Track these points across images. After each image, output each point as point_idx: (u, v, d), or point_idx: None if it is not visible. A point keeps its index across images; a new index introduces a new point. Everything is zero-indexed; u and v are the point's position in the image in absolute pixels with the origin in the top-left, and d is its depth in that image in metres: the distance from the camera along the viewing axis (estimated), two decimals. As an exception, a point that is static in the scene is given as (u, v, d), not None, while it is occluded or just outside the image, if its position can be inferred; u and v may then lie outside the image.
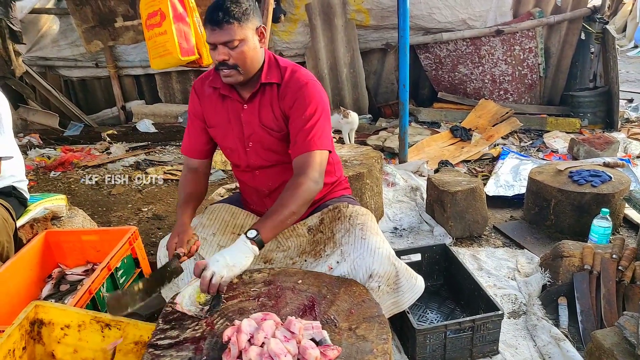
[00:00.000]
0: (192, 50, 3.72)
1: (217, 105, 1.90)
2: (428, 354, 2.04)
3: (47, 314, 1.82)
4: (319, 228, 1.94)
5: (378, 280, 1.69)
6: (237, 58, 1.70)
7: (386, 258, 1.71)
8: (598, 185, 2.99)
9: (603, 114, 5.29)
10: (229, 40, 1.67)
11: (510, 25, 5.40)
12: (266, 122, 1.84)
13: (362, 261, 1.70)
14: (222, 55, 1.69)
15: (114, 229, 2.78)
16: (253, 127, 1.86)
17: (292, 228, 1.97)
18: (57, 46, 6.02)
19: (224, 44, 1.68)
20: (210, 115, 1.93)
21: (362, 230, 1.80)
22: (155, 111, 6.05)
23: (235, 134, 1.89)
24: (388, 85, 6.20)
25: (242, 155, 1.92)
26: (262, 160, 1.90)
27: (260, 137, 1.86)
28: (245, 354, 1.30)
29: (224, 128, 1.91)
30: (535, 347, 2.17)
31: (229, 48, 1.69)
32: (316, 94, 1.80)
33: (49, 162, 4.93)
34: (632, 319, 1.76)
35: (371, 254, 1.70)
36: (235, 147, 1.92)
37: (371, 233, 1.79)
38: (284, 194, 1.67)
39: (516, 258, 2.86)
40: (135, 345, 1.78)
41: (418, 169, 4.18)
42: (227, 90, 1.86)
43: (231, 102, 1.87)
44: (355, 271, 1.70)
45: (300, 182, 1.68)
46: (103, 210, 3.90)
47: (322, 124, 1.78)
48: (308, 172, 1.70)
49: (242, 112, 1.86)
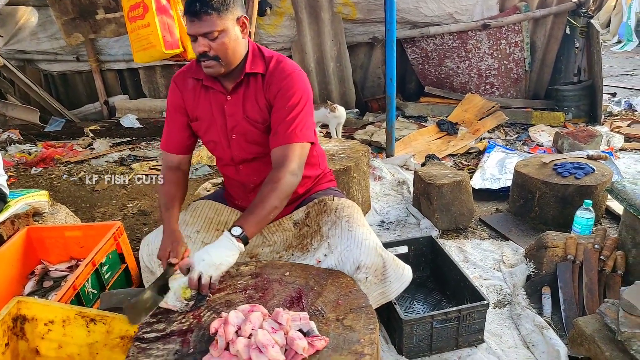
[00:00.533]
0: (177, 44, 3.69)
1: (199, 98, 1.86)
2: (415, 344, 2.05)
3: (30, 310, 1.80)
4: (305, 222, 1.93)
5: (365, 271, 1.69)
6: (217, 49, 1.67)
7: (373, 249, 1.71)
8: (581, 177, 3.03)
9: (587, 107, 5.35)
10: (209, 32, 1.64)
11: (497, 19, 5.43)
12: (250, 115, 1.81)
13: (349, 253, 1.70)
14: (203, 47, 1.66)
15: (98, 224, 2.75)
16: (237, 119, 1.83)
17: (277, 222, 1.96)
18: (36, 39, 5.90)
19: (204, 35, 1.65)
20: (193, 107, 1.88)
21: (348, 222, 1.80)
22: (140, 106, 5.98)
23: (219, 126, 1.86)
24: (375, 80, 6.20)
25: (225, 148, 1.89)
26: (245, 153, 1.88)
27: (244, 130, 1.83)
28: (232, 346, 1.29)
29: (207, 120, 1.87)
30: (520, 336, 2.19)
31: (209, 39, 1.66)
32: (301, 84, 1.78)
33: (30, 158, 4.85)
34: (613, 306, 1.79)
35: (358, 245, 1.70)
36: (218, 140, 1.88)
37: (358, 225, 1.79)
38: (264, 189, 1.65)
39: (501, 249, 2.89)
40: (122, 340, 1.77)
41: (405, 163, 4.19)
42: (210, 81, 1.83)
43: (214, 94, 1.84)
44: (342, 263, 1.70)
45: (280, 176, 1.66)
46: (87, 207, 3.85)
47: (304, 115, 1.76)
48: (287, 164, 1.68)
49: (225, 103, 1.83)
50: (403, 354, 2.07)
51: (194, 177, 4.28)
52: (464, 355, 2.10)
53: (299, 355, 1.28)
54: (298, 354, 1.28)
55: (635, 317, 1.65)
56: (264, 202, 1.61)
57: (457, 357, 2.09)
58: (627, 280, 2.25)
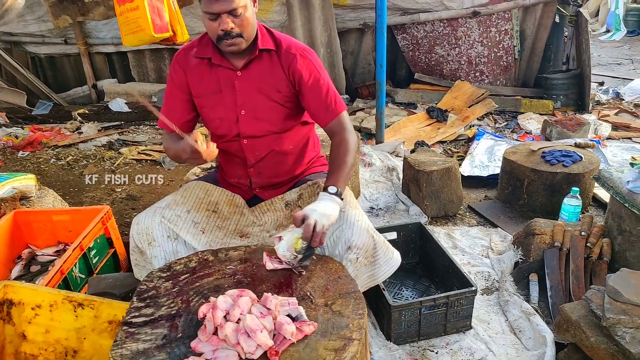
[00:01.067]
0: (166, 27, 3.64)
1: (204, 76, 1.86)
2: (403, 329, 2.07)
3: (17, 294, 1.79)
4: (297, 203, 1.94)
5: (356, 252, 1.71)
6: (241, 25, 1.69)
7: (365, 230, 1.73)
8: (569, 165, 3.05)
9: (575, 96, 5.37)
10: (235, 8, 1.64)
11: (487, 6, 5.42)
12: (264, 87, 1.83)
13: (341, 233, 1.72)
14: (227, 24, 1.66)
15: (86, 208, 2.73)
16: (247, 94, 1.84)
17: (269, 202, 1.97)
18: (24, 21, 5.78)
19: (229, 12, 1.65)
20: (198, 86, 1.88)
21: None
22: (128, 90, 5.90)
23: (227, 103, 1.86)
24: (365, 66, 6.17)
25: (232, 124, 1.89)
26: (254, 129, 1.88)
27: (254, 104, 1.85)
28: (221, 330, 1.29)
29: (213, 98, 1.87)
30: (507, 322, 2.22)
31: (233, 16, 1.66)
32: (318, 61, 1.89)
33: (17, 141, 4.79)
34: (599, 292, 1.81)
35: (350, 226, 1.72)
36: (225, 116, 1.88)
37: (350, 207, 1.80)
38: (339, 151, 1.80)
39: (490, 236, 2.91)
40: (110, 325, 1.77)
41: (394, 150, 4.19)
42: (219, 59, 1.83)
43: (223, 71, 1.84)
44: (334, 243, 1.73)
45: (347, 137, 1.83)
46: (75, 191, 3.82)
47: (332, 88, 1.88)
48: (346, 128, 1.85)
49: (236, 79, 1.83)
50: (391, 340, 2.09)
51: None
52: (452, 341, 2.12)
53: (287, 340, 1.29)
54: (286, 339, 1.29)
55: (620, 304, 1.68)
56: (345, 162, 1.77)
57: (445, 343, 2.11)
58: (612, 267, 2.28)
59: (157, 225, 1.81)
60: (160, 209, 1.86)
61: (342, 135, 1.84)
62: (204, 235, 1.85)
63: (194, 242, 1.82)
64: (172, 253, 1.80)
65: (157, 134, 5.08)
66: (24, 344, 1.83)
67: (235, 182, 2.05)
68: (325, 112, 1.86)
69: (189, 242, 1.81)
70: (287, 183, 2.02)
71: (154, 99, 5.62)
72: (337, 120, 1.86)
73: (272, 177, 1.99)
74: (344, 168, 1.76)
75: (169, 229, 1.81)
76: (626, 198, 2.21)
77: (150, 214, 1.84)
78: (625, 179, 2.26)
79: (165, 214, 1.84)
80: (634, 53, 8.70)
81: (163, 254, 1.79)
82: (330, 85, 1.88)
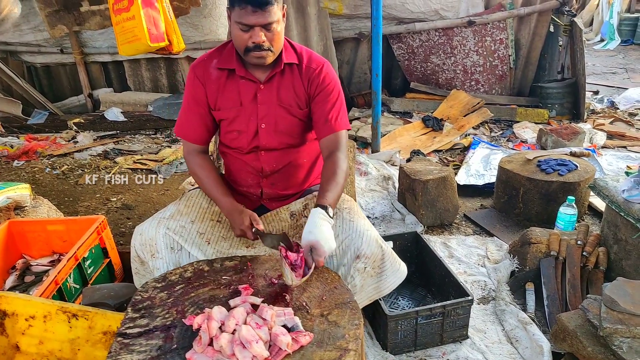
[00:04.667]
0: (162, 37, 3.64)
1: (225, 88, 1.84)
2: (400, 339, 2.06)
3: (10, 305, 1.77)
4: (302, 213, 1.93)
5: (365, 261, 1.72)
6: (271, 39, 1.68)
7: (374, 240, 1.73)
8: (565, 174, 3.06)
9: (570, 105, 5.40)
10: (270, 23, 1.64)
11: (482, 16, 5.46)
12: (285, 101, 1.84)
13: (350, 242, 1.73)
14: (260, 38, 1.65)
15: (81, 218, 2.71)
16: (269, 106, 1.84)
17: (275, 212, 1.96)
18: (19, 31, 5.78)
19: (264, 26, 1.64)
20: (217, 98, 1.85)
21: (349, 213, 1.82)
22: (124, 99, 5.89)
23: (248, 115, 1.85)
24: (361, 75, 6.20)
25: (251, 137, 1.87)
26: (273, 142, 1.88)
27: (275, 118, 1.85)
28: (216, 341, 1.28)
29: (234, 110, 1.85)
30: (504, 331, 2.21)
31: (266, 30, 1.66)
32: (334, 77, 1.88)
33: (12, 151, 4.77)
34: (595, 302, 1.81)
35: (360, 235, 1.73)
36: (245, 129, 1.86)
37: (359, 217, 1.81)
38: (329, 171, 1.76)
39: (486, 245, 2.91)
40: (104, 336, 1.75)
41: (390, 159, 4.20)
42: (244, 71, 1.81)
43: (245, 83, 1.82)
44: (342, 252, 1.73)
45: (339, 157, 1.79)
46: (70, 200, 3.80)
47: (341, 105, 1.88)
48: (341, 148, 1.82)
49: (259, 92, 1.83)
50: (388, 350, 2.08)
51: (179, 171, 4.25)
52: (449, 350, 2.11)
53: (283, 351, 1.28)
54: (282, 350, 1.28)
55: (617, 313, 1.68)
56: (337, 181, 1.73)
57: (442, 353, 2.10)
58: (609, 277, 2.28)
59: (162, 237, 1.78)
60: (164, 219, 1.82)
61: (335, 155, 1.79)
62: (210, 246, 1.83)
63: (200, 254, 1.79)
64: (175, 264, 1.77)
65: (153, 143, 5.08)
66: (17, 355, 1.81)
67: (244, 190, 2.02)
68: (324, 125, 1.83)
69: (195, 254, 1.79)
70: (295, 195, 2.01)
71: (150, 108, 5.62)
72: (333, 137, 1.82)
73: (284, 189, 1.98)
74: (336, 187, 1.71)
75: (173, 240, 1.79)
76: (622, 207, 2.21)
77: (154, 224, 1.80)
78: (621, 187, 2.27)
79: (170, 225, 1.81)
80: (628, 62, 8.77)
81: (165, 266, 1.77)
82: (339, 101, 1.87)
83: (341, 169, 1.76)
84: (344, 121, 1.87)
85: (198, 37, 5.45)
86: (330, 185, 1.70)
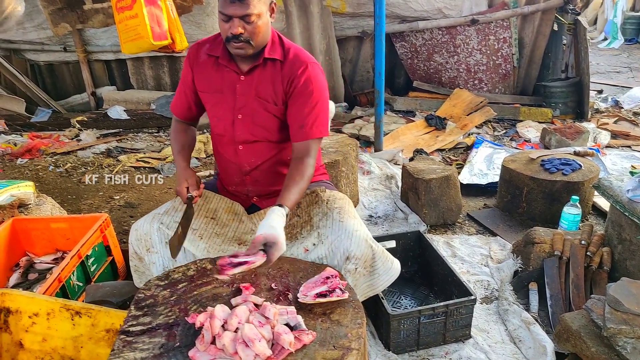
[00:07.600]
0: (165, 35, 3.65)
1: (211, 73, 1.89)
2: (402, 339, 2.06)
3: (14, 302, 1.78)
4: (295, 212, 1.94)
5: (355, 262, 1.71)
6: (251, 32, 1.69)
7: (363, 240, 1.73)
8: (569, 173, 3.05)
9: (574, 104, 5.38)
10: (248, 14, 1.66)
11: (485, 14, 5.44)
12: (262, 95, 1.84)
13: (339, 243, 1.72)
14: (238, 29, 1.67)
15: (85, 216, 2.72)
16: (247, 99, 1.85)
17: (264, 211, 1.97)
18: (23, 29, 5.79)
19: (242, 17, 1.66)
20: (202, 81, 1.91)
21: (339, 213, 1.82)
22: (127, 97, 5.90)
23: (227, 104, 1.88)
24: (364, 74, 6.19)
25: (228, 126, 1.90)
26: (248, 134, 1.89)
27: (252, 110, 1.86)
28: (219, 340, 1.28)
29: (215, 96, 1.90)
30: (507, 331, 2.21)
31: (245, 22, 1.67)
32: (319, 79, 1.84)
33: (16, 149, 4.77)
34: (599, 302, 1.81)
35: (349, 236, 1.72)
36: (223, 117, 1.90)
37: (349, 216, 1.80)
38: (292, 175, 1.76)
39: (489, 245, 2.90)
40: (107, 333, 1.76)
41: (393, 158, 4.19)
42: (226, 60, 1.85)
43: (228, 72, 1.86)
44: (332, 253, 1.73)
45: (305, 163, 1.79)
46: (73, 198, 3.80)
47: (322, 111, 1.85)
48: (310, 155, 1.81)
49: (238, 83, 1.85)
50: (390, 349, 2.07)
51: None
52: (451, 350, 2.11)
53: (285, 350, 1.28)
54: (285, 349, 1.28)
55: (621, 313, 1.67)
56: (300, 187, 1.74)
57: (445, 353, 2.10)
58: (613, 277, 2.27)
59: (156, 232, 1.84)
60: (158, 215, 1.89)
61: (305, 161, 1.80)
62: (202, 241, 1.86)
63: (192, 248, 1.83)
64: (170, 259, 1.80)
65: (156, 141, 5.08)
66: (20, 352, 1.81)
67: (233, 190, 2.06)
68: (299, 130, 1.82)
69: (187, 248, 1.82)
70: None
71: (152, 106, 5.62)
72: (304, 144, 1.82)
73: (269, 185, 1.99)
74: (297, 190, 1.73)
75: (167, 235, 1.83)
76: (626, 207, 2.20)
77: (149, 220, 1.87)
78: (625, 187, 2.26)
79: (164, 220, 1.87)
80: (632, 61, 8.73)
81: (161, 260, 1.82)
82: (320, 106, 1.83)
83: (307, 175, 1.78)
84: (321, 128, 1.84)
85: (201, 35, 5.44)
86: (295, 188, 1.72)
